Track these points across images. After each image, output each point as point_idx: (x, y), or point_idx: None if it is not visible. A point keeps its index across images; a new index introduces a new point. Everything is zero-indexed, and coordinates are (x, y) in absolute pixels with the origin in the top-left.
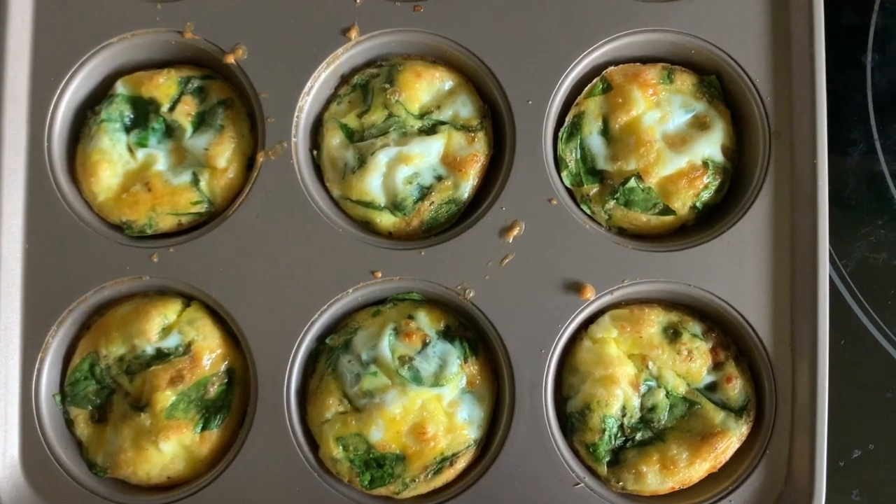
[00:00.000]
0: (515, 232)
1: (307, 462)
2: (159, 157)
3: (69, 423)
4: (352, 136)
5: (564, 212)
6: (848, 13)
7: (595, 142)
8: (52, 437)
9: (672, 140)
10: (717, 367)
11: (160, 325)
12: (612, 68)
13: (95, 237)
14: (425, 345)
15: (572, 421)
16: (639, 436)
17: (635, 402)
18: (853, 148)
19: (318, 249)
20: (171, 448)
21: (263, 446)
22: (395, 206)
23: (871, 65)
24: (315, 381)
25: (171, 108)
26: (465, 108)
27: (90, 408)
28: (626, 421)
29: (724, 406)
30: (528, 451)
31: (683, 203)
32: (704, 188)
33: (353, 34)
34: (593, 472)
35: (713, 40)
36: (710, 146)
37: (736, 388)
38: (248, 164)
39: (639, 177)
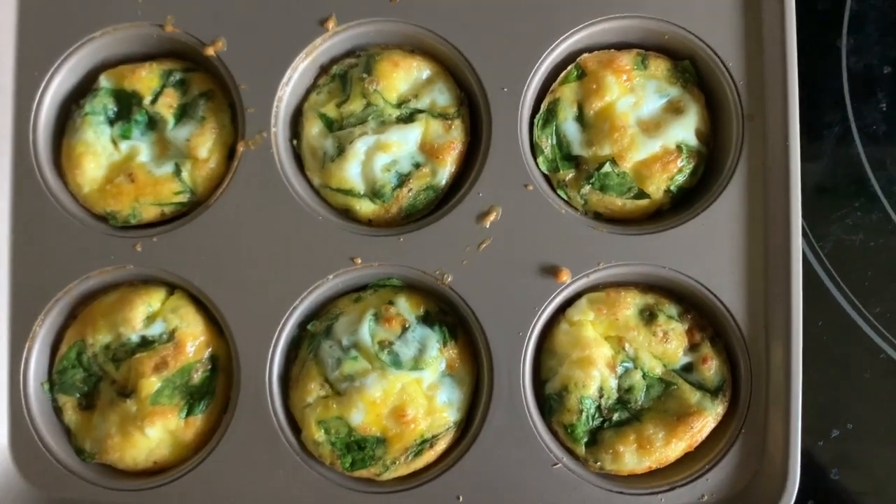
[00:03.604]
0: (492, 217)
1: (290, 445)
2: (142, 148)
3: (57, 411)
4: (331, 125)
5: (541, 197)
6: None
7: (570, 128)
8: (40, 424)
9: (646, 125)
10: (693, 348)
11: (144, 314)
12: (586, 55)
13: (80, 228)
14: (405, 329)
15: (550, 402)
16: (616, 416)
17: (612, 383)
18: (829, 131)
19: (298, 237)
20: (156, 433)
21: (247, 431)
22: (374, 193)
23: (846, 49)
24: (297, 366)
25: (154, 101)
26: (442, 96)
27: (78, 395)
28: (603, 402)
29: (700, 386)
30: (507, 433)
31: (658, 187)
32: (678, 172)
33: (331, 24)
34: (571, 453)
35: (686, 25)
36: (684, 130)
37: (712, 369)
38: (230, 155)
39: (613, 162)
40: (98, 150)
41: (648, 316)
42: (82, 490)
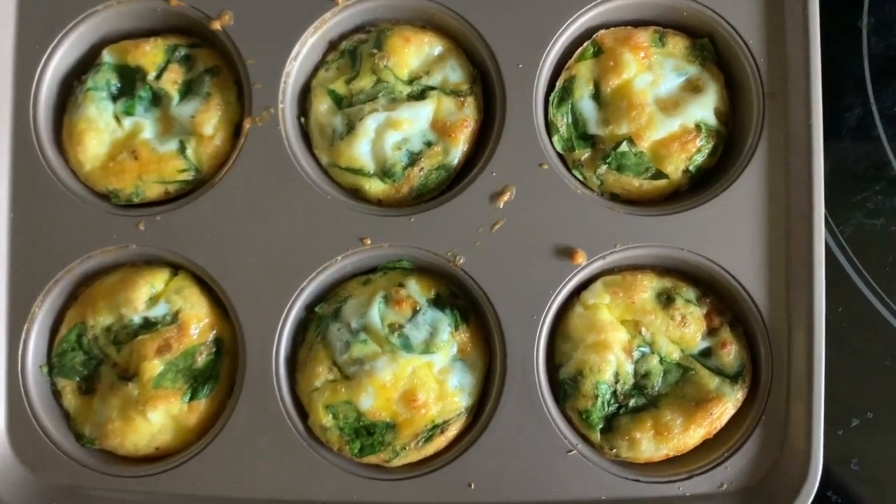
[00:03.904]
0: (506, 197)
1: (296, 431)
2: (146, 125)
3: (56, 395)
4: (340, 102)
5: (556, 177)
6: None
7: (586, 106)
8: (38, 408)
9: (664, 103)
10: (711, 332)
11: (147, 295)
12: (602, 31)
13: (82, 206)
14: (415, 312)
15: (565, 388)
16: (632, 402)
17: (628, 368)
18: (849, 113)
19: (305, 217)
20: (158, 418)
21: (252, 416)
22: (384, 172)
23: (866, 29)
24: (304, 350)
25: (158, 77)
26: (454, 73)
27: (77, 379)
28: (619, 387)
29: (718, 372)
30: (520, 418)
31: (676, 167)
32: (697, 151)
33: None
34: (586, 440)
35: (705, 2)
36: (703, 109)
37: (731, 354)
38: (236, 132)
39: (631, 141)
40: (100, 126)
41: (666, 300)
42: (81, 476)
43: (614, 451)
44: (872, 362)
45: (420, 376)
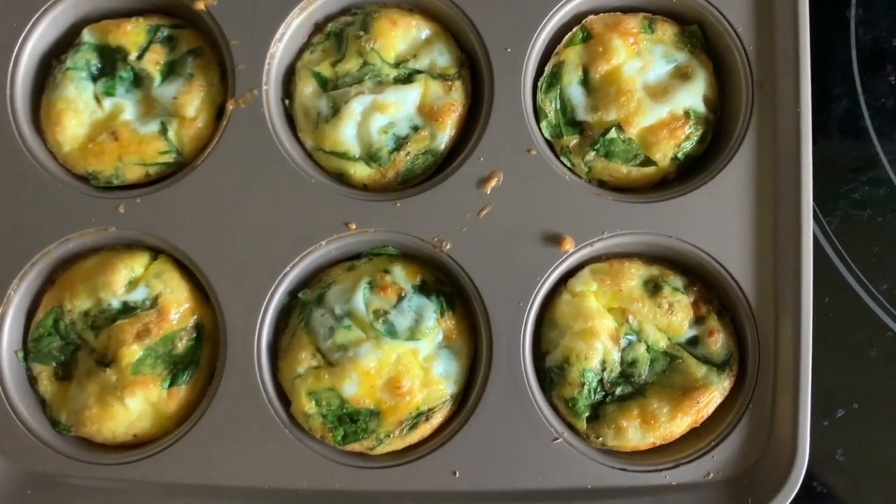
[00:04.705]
0: (493, 183)
1: (278, 418)
2: (127, 106)
3: (32, 381)
4: (325, 84)
5: (544, 163)
6: None
7: (575, 92)
8: (13, 394)
9: (653, 90)
10: (698, 321)
11: (126, 278)
12: (592, 17)
13: (60, 188)
14: (400, 298)
15: (551, 376)
16: (619, 390)
17: (615, 356)
18: (837, 104)
19: (289, 201)
20: (137, 404)
21: (233, 403)
22: (369, 156)
23: (854, 20)
24: (287, 336)
25: (140, 57)
26: (442, 56)
27: (54, 364)
28: (605, 375)
29: (706, 360)
30: (506, 406)
31: (664, 154)
32: (686, 139)
33: None
34: (572, 428)
35: None
36: (692, 96)
37: (718, 343)
38: (219, 115)
39: (619, 127)
40: (80, 106)
41: (653, 287)
42: (57, 464)
43: (600, 439)
44: (858, 353)
45: (405, 363)
